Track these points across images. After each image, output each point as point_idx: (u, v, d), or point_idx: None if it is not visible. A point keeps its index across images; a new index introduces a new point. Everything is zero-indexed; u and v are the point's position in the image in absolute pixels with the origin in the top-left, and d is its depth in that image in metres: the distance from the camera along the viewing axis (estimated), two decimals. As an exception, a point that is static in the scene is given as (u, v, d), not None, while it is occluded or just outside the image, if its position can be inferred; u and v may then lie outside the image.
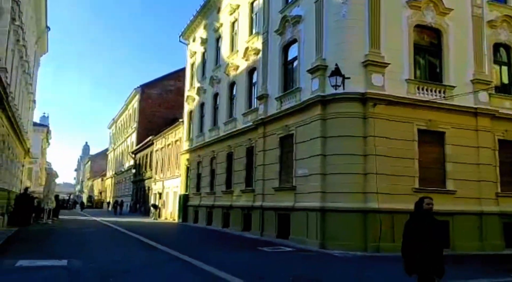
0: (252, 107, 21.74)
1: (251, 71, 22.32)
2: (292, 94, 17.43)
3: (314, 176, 15.05)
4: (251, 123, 20.82)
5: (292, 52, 18.38)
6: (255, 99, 21.29)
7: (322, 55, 15.55)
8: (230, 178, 23.45)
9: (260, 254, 13.26)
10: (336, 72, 14.24)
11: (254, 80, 22.13)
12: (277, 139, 18.34)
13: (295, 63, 17.99)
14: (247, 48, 22.23)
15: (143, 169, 49.33)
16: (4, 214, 20.73)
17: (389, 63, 15.07)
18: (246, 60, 22.47)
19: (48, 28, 33.31)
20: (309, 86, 16.03)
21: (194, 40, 32.48)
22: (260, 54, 20.83)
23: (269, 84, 19.67)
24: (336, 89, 14.33)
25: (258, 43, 21.24)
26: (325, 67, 15.27)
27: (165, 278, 8.93)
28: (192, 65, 33.02)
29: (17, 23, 17.95)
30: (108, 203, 66.67)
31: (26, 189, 27.44)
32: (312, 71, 15.78)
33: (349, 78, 14.51)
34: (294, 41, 17.98)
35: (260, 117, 19.75)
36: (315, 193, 14.83)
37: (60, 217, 34.27)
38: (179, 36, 34.31)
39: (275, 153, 18.38)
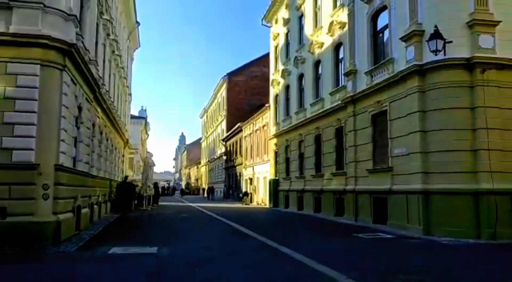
0: (340, 85, 20.45)
1: (337, 46, 20.98)
2: (384, 66, 15.89)
3: (414, 154, 13.53)
4: (339, 102, 19.60)
5: (382, 20, 16.75)
6: (343, 76, 19.99)
7: (417, 19, 13.82)
8: (320, 161, 22.47)
9: (356, 241, 12.23)
10: (436, 35, 12.52)
11: (340, 56, 20.79)
12: (369, 117, 16.95)
13: (386, 33, 16.38)
14: (331, 23, 20.90)
15: (234, 155, 50.15)
16: (107, 201, 21.96)
17: (500, 21, 12.94)
18: (331, 35, 21.15)
19: (138, 23, 34.74)
20: (403, 56, 14.41)
21: (276, 22, 31.69)
22: (346, 27, 19.40)
23: (357, 58, 18.24)
24: (436, 54, 12.63)
25: (343, 15, 19.81)
26: (421, 33, 13.56)
27: (252, 268, 8.36)
28: (276, 48, 32.30)
29: (105, 17, 18.57)
30: (203, 190, 69.62)
31: (126, 177, 29.03)
32: (406, 38, 14.14)
33: (451, 42, 12.70)
34: (383, 8, 16.34)
35: (349, 95, 18.45)
36: (416, 174, 13.34)
37: (160, 203, 36.04)
38: (262, 19, 33.75)
39: (367, 131, 17.02)
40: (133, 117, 48.12)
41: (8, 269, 8.12)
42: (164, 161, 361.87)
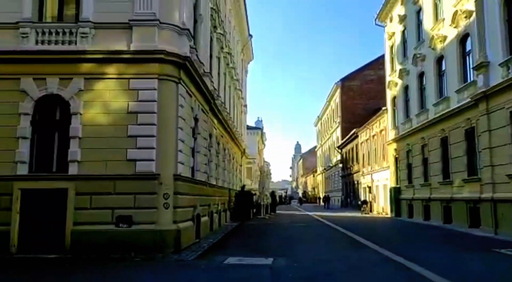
0: (468, 81, 18.29)
1: (463, 38, 18.85)
2: (524, 55, 13.70)
3: None
4: (468, 100, 17.48)
5: (518, 3, 14.54)
6: (471, 70, 17.83)
7: None
8: (447, 166, 20.28)
9: (498, 258, 10.52)
10: None
11: (467, 49, 18.62)
12: (507, 115, 14.75)
13: (524, 16, 14.16)
14: (455, 13, 18.87)
15: (350, 162, 48.50)
16: (226, 210, 22.55)
17: None
18: (455, 27, 19.09)
19: (250, 36, 35.68)
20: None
21: (391, 20, 29.90)
22: (473, 16, 17.32)
23: (489, 49, 16.09)
24: None
25: (469, 4, 17.74)
26: None
27: (375, 285, 7.52)
28: (391, 47, 30.45)
29: (218, 31, 19.19)
30: (319, 198, 68.81)
31: (243, 186, 29.65)
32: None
33: None
34: (520, -12, 14.18)
35: (480, 91, 16.32)
36: None
37: (277, 211, 36.25)
38: (375, 19, 32.14)
39: (506, 131, 14.81)
40: (249, 128, 49.41)
41: (136, 275, 8.47)
42: (280, 170, 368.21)
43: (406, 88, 26.89)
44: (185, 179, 12.08)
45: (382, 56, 35.54)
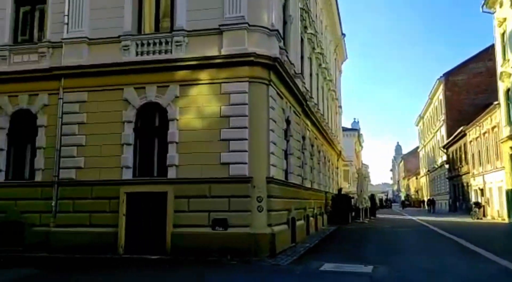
0: None
1: None
2: None
3: None
4: None
5: None
6: None
7: None
8: None
9: None
10: None
11: None
12: None
13: None
14: None
15: (458, 163, 44.77)
16: (323, 214, 22.02)
17: None
18: None
19: (343, 35, 34.72)
20: None
21: (501, 5, 27.05)
22: None
23: None
24: None
25: None
26: None
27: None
28: (503, 35, 27.56)
29: (309, 31, 18.84)
30: (423, 202, 64.67)
31: (340, 189, 28.81)
32: None
33: None
34: None
35: None
36: None
37: (377, 215, 34.69)
38: (481, 6, 29.35)
39: None
40: (345, 129, 48.14)
41: (233, 279, 8.49)
42: (380, 173, 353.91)
43: (522, 79, 24.08)
44: (278, 182, 11.91)
45: (492, 46, 32.31)
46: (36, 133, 12.20)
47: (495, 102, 29.73)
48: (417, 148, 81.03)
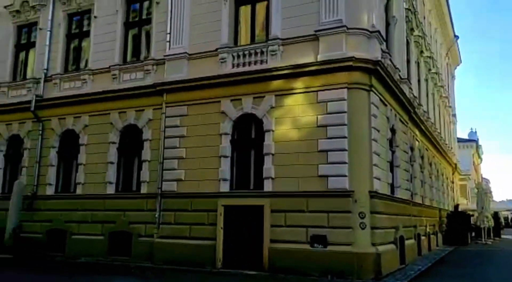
0: None
1: None
2: None
3: None
4: None
5: None
6: None
7: None
8: None
9: None
10: None
11: None
12: None
13: None
14: None
15: None
16: (437, 233, 20.01)
17: None
18: None
19: (456, 37, 31.89)
20: None
21: None
22: None
23: None
24: None
25: None
26: None
27: None
28: None
29: (416, 33, 17.41)
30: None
31: (457, 206, 26.14)
32: None
33: None
34: None
35: None
36: None
37: (502, 236, 30.85)
38: None
39: None
40: (461, 140, 44.03)
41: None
42: (505, 188, 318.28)
43: None
44: (383, 196, 10.88)
45: None
46: (142, 147, 12.78)
47: None
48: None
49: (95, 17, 14.33)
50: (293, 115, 10.88)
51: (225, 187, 11.39)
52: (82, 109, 13.77)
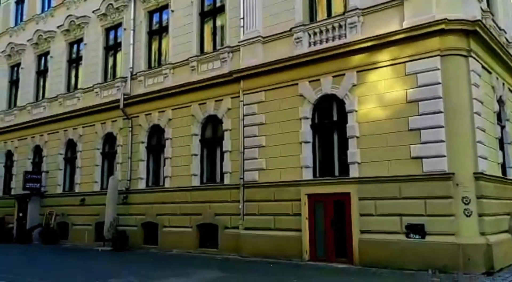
0: None
1: None
2: None
3: None
4: None
5: None
6: None
7: None
8: None
9: None
10: None
11: None
12: None
13: None
14: None
15: None
16: None
17: None
18: None
19: None
20: None
21: None
22: None
23: None
24: None
25: None
26: None
27: None
28: None
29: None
30: None
31: None
32: None
33: None
34: None
35: None
36: None
37: None
38: None
39: None
40: None
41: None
42: None
43: None
44: (492, 178, 9.35)
45: None
46: (223, 137, 12.55)
47: None
48: None
49: (172, 11, 14.40)
50: (378, 92, 9.77)
51: (307, 175, 10.67)
52: (165, 104, 13.95)
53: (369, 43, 9.86)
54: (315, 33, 10.96)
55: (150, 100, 14.37)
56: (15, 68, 20.63)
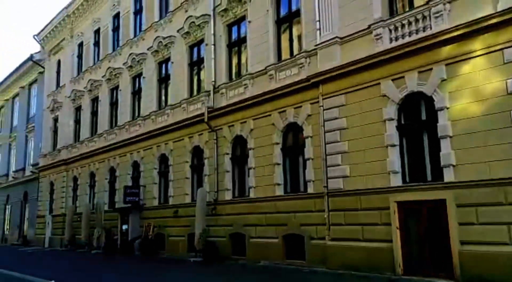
0: None
1: None
2: None
3: None
4: None
5: None
6: None
7: None
8: None
9: None
10: None
11: None
12: None
13: None
14: None
15: None
16: None
17: None
18: None
19: None
20: None
21: None
22: None
23: None
24: None
25: None
26: None
27: None
28: None
29: None
30: None
31: None
32: None
33: None
34: None
35: None
36: None
37: None
38: None
39: None
40: None
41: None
42: None
43: None
44: None
45: None
46: (304, 145, 12.16)
47: None
48: None
49: (249, 22, 14.45)
50: (472, 86, 8.68)
51: (396, 181, 9.83)
52: (247, 114, 13.97)
53: (459, 32, 8.82)
54: (396, 28, 10.16)
55: (232, 112, 14.50)
56: (114, 91, 22.34)
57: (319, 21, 11.90)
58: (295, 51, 12.95)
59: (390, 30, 10.26)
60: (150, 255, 17.02)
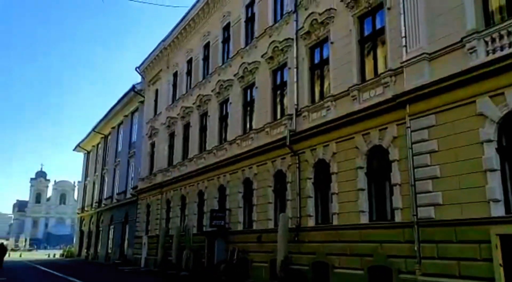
0: None
1: None
2: None
3: None
4: None
5: None
6: None
7: None
8: None
9: None
10: None
11: None
12: None
13: None
14: None
15: None
16: None
17: None
18: None
19: None
20: None
21: None
22: None
23: None
24: None
25: None
26: None
27: None
28: None
29: None
30: None
31: None
32: None
33: None
34: None
35: None
36: None
37: None
38: None
39: None
40: None
41: None
42: None
43: None
44: None
45: None
46: (390, 169, 11.30)
47: None
48: None
49: (331, 43, 14.09)
50: None
51: (497, 211, 8.60)
52: (329, 137, 13.46)
53: None
54: (493, 40, 9.12)
55: (314, 135, 14.08)
56: (203, 117, 23.15)
57: (405, 37, 11.16)
58: (380, 70, 12.27)
59: (486, 42, 9.24)
60: (234, 280, 16.90)
